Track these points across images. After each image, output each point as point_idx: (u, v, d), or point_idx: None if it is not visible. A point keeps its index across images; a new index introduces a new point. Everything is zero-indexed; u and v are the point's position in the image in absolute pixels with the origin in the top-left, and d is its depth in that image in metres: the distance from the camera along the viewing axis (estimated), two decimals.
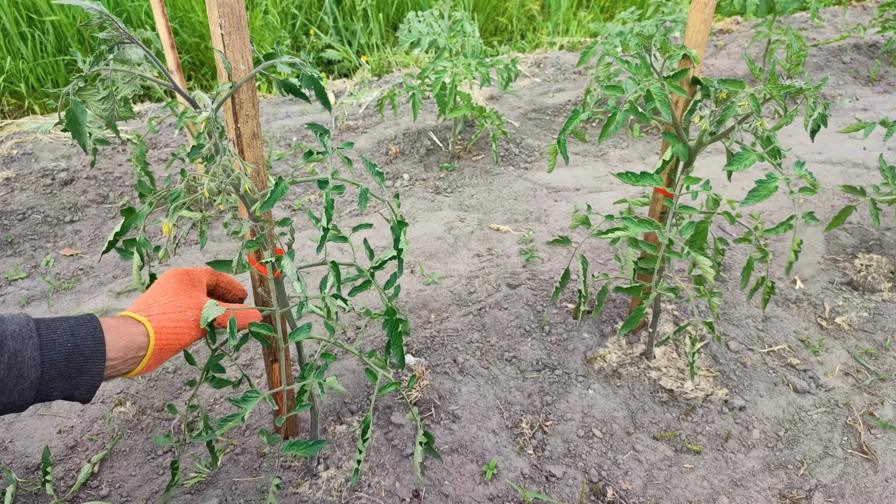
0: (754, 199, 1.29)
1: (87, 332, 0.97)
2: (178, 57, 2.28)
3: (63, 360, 0.93)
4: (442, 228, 2.43)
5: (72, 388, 0.96)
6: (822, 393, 1.75)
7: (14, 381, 0.89)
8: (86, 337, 0.96)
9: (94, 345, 0.96)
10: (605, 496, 1.47)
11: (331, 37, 4.20)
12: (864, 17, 4.85)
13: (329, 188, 1.06)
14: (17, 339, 0.90)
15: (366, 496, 1.44)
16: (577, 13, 4.79)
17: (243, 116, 1.06)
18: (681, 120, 1.45)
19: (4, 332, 0.90)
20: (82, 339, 0.96)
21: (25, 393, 0.91)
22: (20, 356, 0.90)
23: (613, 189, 2.75)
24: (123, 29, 0.91)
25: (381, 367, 1.32)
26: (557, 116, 3.40)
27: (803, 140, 3.12)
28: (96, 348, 0.96)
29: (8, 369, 0.88)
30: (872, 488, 1.51)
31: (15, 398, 0.90)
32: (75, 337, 0.95)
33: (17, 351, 0.89)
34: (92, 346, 0.96)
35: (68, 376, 0.95)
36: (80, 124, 0.94)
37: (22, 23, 3.52)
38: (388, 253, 1.28)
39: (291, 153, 2.96)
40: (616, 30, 2.84)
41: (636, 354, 1.82)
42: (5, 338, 0.89)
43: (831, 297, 2.09)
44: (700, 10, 1.37)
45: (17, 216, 2.41)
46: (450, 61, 2.57)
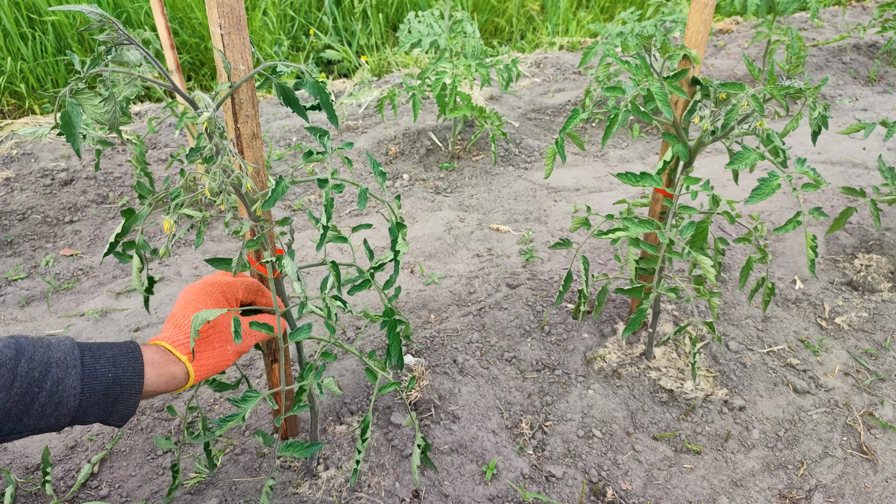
0: (757, 198, 1.29)
1: (129, 364, 0.99)
2: (177, 57, 2.27)
3: (102, 390, 0.95)
4: (442, 228, 2.43)
5: (106, 415, 0.98)
6: (822, 393, 1.75)
7: (53, 408, 0.91)
8: (126, 368, 0.98)
9: (133, 377, 0.98)
10: (604, 496, 1.47)
11: (330, 37, 4.20)
12: (864, 17, 4.86)
13: (329, 187, 1.06)
14: (62, 367, 0.92)
15: (366, 496, 1.44)
16: (576, 13, 4.79)
17: (243, 116, 1.06)
18: (680, 120, 1.45)
19: (49, 360, 0.92)
20: (123, 370, 0.98)
21: (62, 419, 0.93)
22: (62, 385, 0.92)
23: (613, 189, 2.75)
24: (122, 30, 0.91)
25: (380, 367, 1.32)
26: (557, 117, 3.39)
27: (803, 140, 3.12)
28: (135, 380, 0.99)
29: (49, 397, 0.90)
30: (872, 488, 1.51)
31: (52, 423, 0.93)
32: (117, 368, 0.97)
33: (60, 380, 0.91)
34: (132, 378, 0.98)
35: (105, 405, 0.97)
36: (74, 127, 0.94)
37: (22, 23, 3.52)
38: (388, 254, 1.28)
39: (291, 153, 2.96)
40: (616, 30, 2.84)
41: (636, 354, 1.82)
42: (50, 366, 0.91)
43: (831, 298, 2.09)
44: (700, 10, 1.37)
45: (16, 216, 2.41)
46: (450, 62, 2.57)
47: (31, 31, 3.54)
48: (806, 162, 1.33)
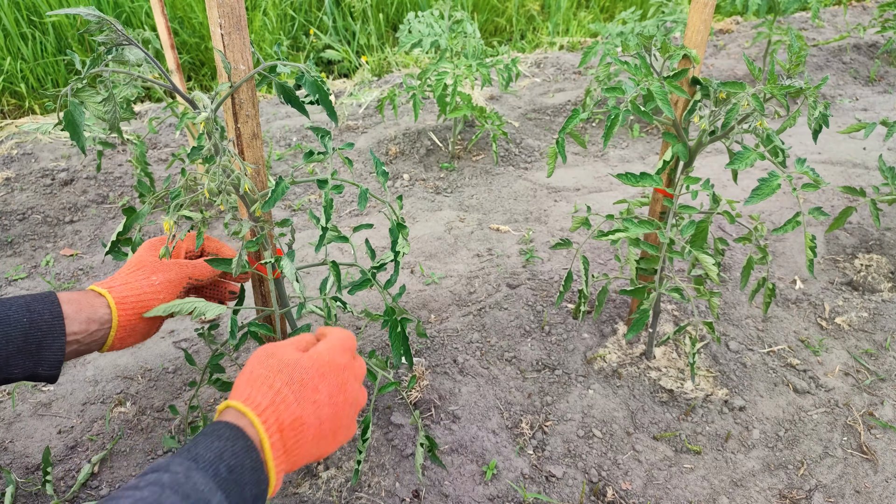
0: (758, 198, 1.29)
1: (44, 307, 0.94)
2: (178, 57, 2.27)
3: (20, 336, 0.91)
4: (442, 228, 2.43)
5: (34, 365, 0.92)
6: (822, 393, 1.75)
7: None
8: (42, 312, 0.93)
9: (51, 319, 0.93)
10: (605, 496, 1.47)
11: (330, 37, 4.20)
12: (864, 17, 4.85)
13: (328, 188, 1.06)
14: None
15: (366, 496, 1.44)
16: (577, 13, 4.79)
17: (243, 116, 1.06)
18: (681, 120, 1.45)
19: None
20: (39, 313, 0.93)
21: None
22: None
23: (613, 189, 2.75)
24: (121, 31, 0.91)
25: (381, 367, 1.32)
26: (557, 116, 3.40)
27: (803, 140, 3.12)
28: (54, 323, 0.93)
29: None
30: (872, 488, 1.51)
31: None
32: (31, 312, 0.93)
33: None
34: (49, 321, 0.93)
35: (28, 353, 0.91)
36: (78, 126, 0.94)
37: (22, 23, 3.52)
38: (389, 255, 1.28)
39: (291, 153, 2.96)
40: (616, 30, 2.84)
41: (636, 354, 1.82)
42: None
43: (831, 298, 2.09)
44: (700, 10, 1.37)
45: (17, 216, 2.41)
46: (451, 62, 2.57)
47: (31, 31, 3.54)
48: (806, 162, 1.33)
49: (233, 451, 0.78)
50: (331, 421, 0.90)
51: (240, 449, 0.78)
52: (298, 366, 0.89)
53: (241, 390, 0.87)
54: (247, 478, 0.77)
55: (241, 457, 0.78)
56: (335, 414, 0.90)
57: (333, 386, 0.91)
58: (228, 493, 0.74)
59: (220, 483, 0.74)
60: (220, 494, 0.73)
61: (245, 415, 0.83)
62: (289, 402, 0.85)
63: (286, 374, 0.88)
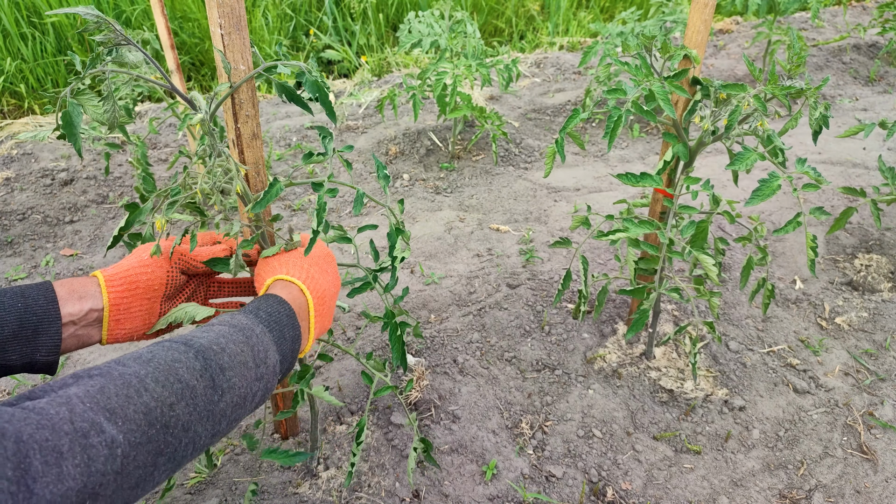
0: (758, 199, 1.29)
1: (38, 293, 0.94)
2: (177, 57, 2.27)
3: (15, 321, 0.90)
4: (442, 228, 2.43)
5: (32, 351, 0.92)
6: (822, 393, 1.75)
7: None
8: (37, 297, 0.93)
9: (46, 304, 0.93)
10: (605, 496, 1.47)
11: (330, 37, 4.20)
12: (864, 17, 4.86)
13: (323, 191, 1.06)
14: None
15: (366, 496, 1.44)
16: (576, 13, 4.79)
17: (243, 117, 1.06)
18: (681, 120, 1.45)
19: None
20: (33, 298, 0.93)
21: None
22: None
23: (613, 189, 2.75)
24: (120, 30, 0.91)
25: (378, 369, 1.32)
26: (557, 116, 3.40)
27: (803, 140, 3.12)
28: (49, 307, 0.93)
29: None
30: (872, 488, 1.51)
31: None
32: (26, 298, 0.92)
33: None
34: (44, 305, 0.93)
35: (25, 338, 0.91)
36: (75, 127, 0.93)
37: (22, 23, 3.52)
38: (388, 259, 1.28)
39: (291, 153, 2.96)
40: (616, 30, 2.84)
41: (636, 354, 1.82)
42: None
43: (831, 298, 2.09)
44: (700, 10, 1.37)
45: (17, 216, 2.41)
46: (451, 62, 2.57)
47: (31, 32, 3.54)
48: (806, 162, 1.33)
49: (268, 304, 0.94)
50: (334, 297, 1.10)
51: (274, 302, 0.94)
52: (312, 256, 1.10)
53: (278, 270, 1.04)
54: (284, 321, 0.93)
55: (276, 307, 0.94)
56: (335, 293, 1.11)
57: (334, 270, 1.13)
58: (270, 328, 0.90)
59: (261, 320, 0.90)
60: (262, 326, 0.89)
61: (293, 282, 1.01)
62: (317, 278, 1.06)
63: (309, 260, 1.09)
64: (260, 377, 0.84)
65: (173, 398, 0.70)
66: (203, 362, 0.76)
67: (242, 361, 0.82)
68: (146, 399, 0.67)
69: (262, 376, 0.85)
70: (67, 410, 0.60)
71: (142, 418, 0.66)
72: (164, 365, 0.72)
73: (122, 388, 0.66)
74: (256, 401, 0.85)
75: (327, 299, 1.07)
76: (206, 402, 0.74)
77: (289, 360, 0.93)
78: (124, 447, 0.62)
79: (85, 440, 0.59)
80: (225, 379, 0.78)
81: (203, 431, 0.74)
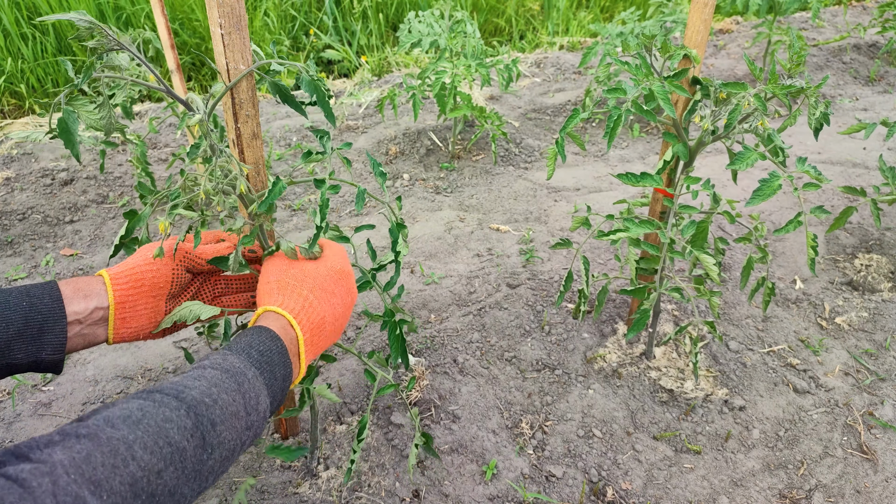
0: (759, 199, 1.29)
1: (43, 292, 0.94)
2: (178, 57, 2.27)
3: (20, 319, 0.91)
4: (442, 228, 2.43)
5: (37, 350, 0.92)
6: (822, 393, 1.74)
7: None
8: (42, 296, 0.94)
9: (51, 302, 0.94)
10: (605, 496, 1.47)
11: (330, 37, 4.21)
12: (864, 17, 4.86)
13: (325, 187, 1.06)
14: None
15: (366, 496, 1.44)
16: (576, 13, 4.79)
17: (243, 116, 1.06)
18: (681, 120, 1.45)
19: None
20: (38, 297, 0.93)
21: None
22: None
23: (613, 189, 2.75)
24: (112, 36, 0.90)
25: (381, 366, 1.32)
26: (557, 116, 3.40)
27: (803, 140, 3.12)
28: (54, 305, 0.94)
29: None
30: (872, 488, 1.51)
31: None
32: (31, 297, 0.93)
33: None
34: (49, 304, 0.93)
35: (30, 337, 0.91)
36: (72, 133, 0.93)
37: (22, 23, 3.52)
38: (389, 256, 1.28)
39: (291, 153, 2.96)
40: (616, 30, 2.84)
41: (636, 354, 1.82)
42: None
43: (831, 297, 2.09)
44: (700, 10, 1.37)
45: (17, 216, 2.41)
46: (450, 62, 2.57)
47: (31, 32, 3.54)
48: (806, 161, 1.33)
49: (260, 341, 0.91)
50: (341, 319, 1.06)
51: (266, 338, 0.92)
52: (318, 275, 1.04)
53: (273, 296, 1.00)
54: (276, 360, 0.91)
55: (269, 344, 0.91)
56: (344, 313, 1.06)
57: (344, 290, 1.07)
58: (261, 370, 0.88)
59: (253, 362, 0.87)
60: (254, 370, 0.86)
61: (283, 316, 0.97)
62: (315, 306, 1.00)
63: (310, 282, 1.03)
64: (250, 426, 0.83)
65: (161, 464, 0.68)
66: (195, 419, 0.74)
67: (234, 412, 0.80)
68: (133, 469, 0.65)
69: (252, 424, 0.83)
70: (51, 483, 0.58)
71: (127, 490, 0.64)
72: (155, 427, 0.70)
73: (109, 457, 0.64)
74: (244, 448, 0.84)
75: (327, 326, 1.03)
76: (195, 462, 0.73)
77: (279, 399, 0.91)
78: None
79: None
80: (216, 434, 0.76)
81: (189, 492, 0.73)
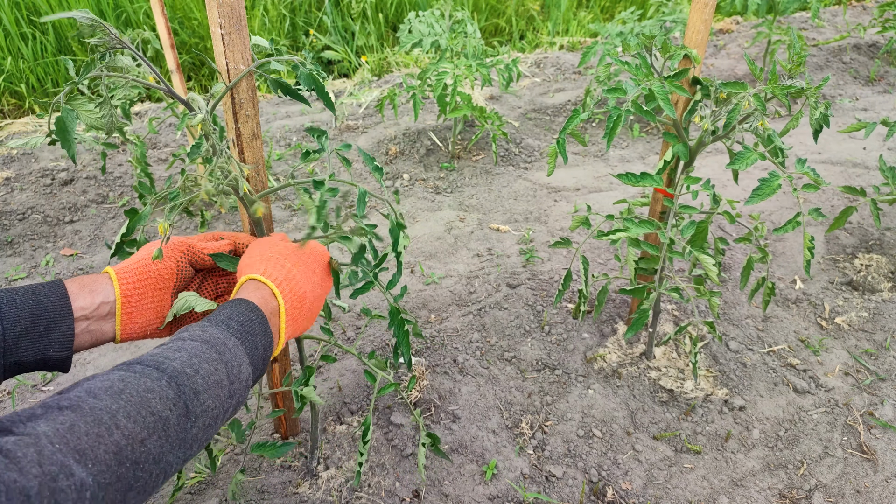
0: (758, 198, 1.29)
1: (49, 290, 0.95)
2: (177, 57, 2.27)
3: (27, 317, 0.91)
4: (442, 228, 2.43)
5: (45, 347, 0.93)
6: (822, 393, 1.75)
7: None
8: (48, 294, 0.94)
9: (57, 300, 0.94)
10: (605, 496, 1.47)
11: (330, 37, 4.20)
12: (864, 17, 4.86)
13: (324, 189, 1.06)
14: None
15: (366, 496, 1.44)
16: (577, 13, 4.79)
17: (243, 116, 1.06)
18: (681, 119, 1.45)
19: None
20: (44, 295, 0.94)
21: None
22: None
23: (613, 189, 2.75)
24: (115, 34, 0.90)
25: (381, 367, 1.32)
26: (557, 116, 3.40)
27: (803, 140, 3.12)
28: (60, 303, 0.94)
29: None
30: (872, 488, 1.51)
31: None
32: (37, 294, 0.94)
33: None
34: (56, 301, 0.94)
35: (37, 334, 0.92)
36: (69, 133, 0.93)
37: (22, 23, 3.52)
38: (393, 255, 1.28)
39: (291, 153, 2.96)
40: (616, 30, 2.84)
41: (636, 354, 1.82)
42: None
43: (831, 297, 2.09)
44: (700, 10, 1.37)
45: (17, 216, 2.41)
46: (451, 62, 2.57)
47: (31, 31, 3.54)
48: (806, 162, 1.33)
49: (240, 312, 0.91)
50: (318, 300, 1.06)
51: (246, 309, 0.92)
52: (303, 252, 1.06)
53: (256, 266, 1.00)
54: (256, 329, 0.91)
55: (249, 315, 0.91)
56: (321, 295, 1.07)
57: (323, 271, 1.09)
58: (242, 339, 0.88)
59: (233, 332, 0.87)
60: (235, 339, 0.86)
61: (266, 285, 0.97)
62: (297, 278, 1.01)
63: (294, 257, 1.04)
64: (233, 394, 0.83)
65: (145, 433, 0.68)
66: (176, 389, 0.75)
67: (217, 381, 0.80)
68: (117, 437, 0.65)
69: (235, 392, 0.84)
70: (36, 453, 0.58)
71: (112, 458, 0.64)
72: (137, 397, 0.70)
73: (93, 426, 0.64)
74: (227, 416, 0.84)
75: (307, 302, 1.04)
76: (178, 430, 0.73)
77: (260, 369, 0.92)
78: (93, 489, 0.61)
79: (54, 483, 0.57)
80: (199, 403, 0.76)
81: (174, 459, 0.73)
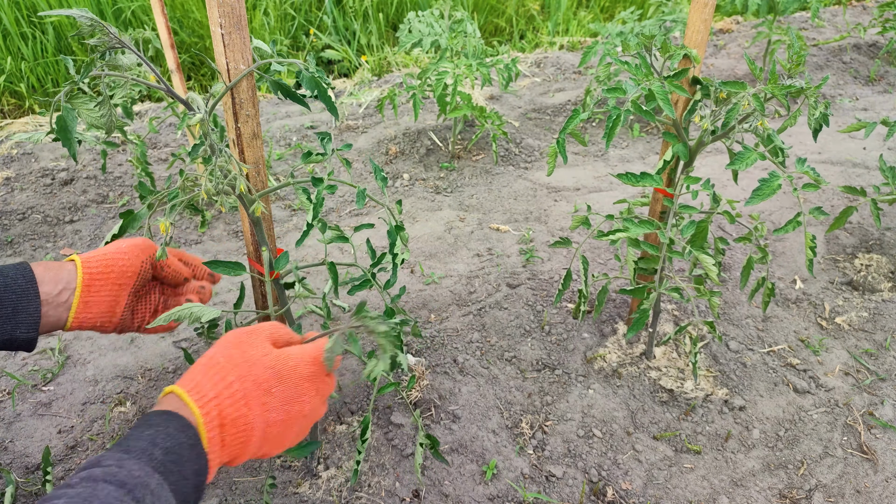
0: (758, 199, 1.29)
1: (18, 273, 0.97)
2: (177, 57, 2.27)
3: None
4: (442, 228, 2.43)
5: (12, 328, 0.95)
6: (822, 393, 1.75)
7: None
8: (16, 277, 0.96)
9: (25, 283, 0.96)
10: (605, 496, 1.47)
11: (330, 37, 4.20)
12: (864, 17, 4.85)
13: (322, 186, 1.06)
14: None
15: (366, 496, 1.44)
16: (577, 13, 4.79)
17: (243, 116, 1.06)
18: (681, 119, 1.45)
19: None
20: (12, 278, 0.96)
21: None
22: None
23: (613, 189, 2.75)
24: (114, 34, 0.90)
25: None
26: (557, 116, 3.39)
27: (803, 140, 3.12)
28: (28, 286, 0.96)
29: None
30: (872, 488, 1.51)
31: None
32: (5, 277, 0.95)
33: None
34: (23, 285, 0.96)
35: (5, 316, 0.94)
36: (70, 132, 0.94)
37: (22, 23, 3.52)
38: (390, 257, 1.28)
39: (291, 153, 2.95)
40: (616, 30, 2.84)
41: (636, 354, 1.82)
42: None
43: (831, 297, 2.09)
44: (700, 10, 1.37)
45: (17, 216, 2.41)
46: (451, 62, 2.57)
47: (31, 31, 3.54)
48: (806, 162, 1.33)
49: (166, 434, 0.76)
50: (279, 426, 0.87)
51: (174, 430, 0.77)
52: (259, 364, 0.86)
53: (192, 375, 0.84)
54: (185, 455, 0.76)
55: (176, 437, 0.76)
56: (285, 421, 0.87)
57: (289, 393, 0.87)
58: (166, 474, 0.73)
59: (156, 466, 0.73)
60: (158, 476, 0.72)
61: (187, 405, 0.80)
62: (236, 398, 0.82)
63: (244, 369, 0.84)
64: None
65: None
66: None
67: None
68: None
69: None
70: None
71: None
72: None
73: None
74: None
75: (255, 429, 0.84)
76: None
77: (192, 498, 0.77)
78: None
79: None
80: None
81: None
